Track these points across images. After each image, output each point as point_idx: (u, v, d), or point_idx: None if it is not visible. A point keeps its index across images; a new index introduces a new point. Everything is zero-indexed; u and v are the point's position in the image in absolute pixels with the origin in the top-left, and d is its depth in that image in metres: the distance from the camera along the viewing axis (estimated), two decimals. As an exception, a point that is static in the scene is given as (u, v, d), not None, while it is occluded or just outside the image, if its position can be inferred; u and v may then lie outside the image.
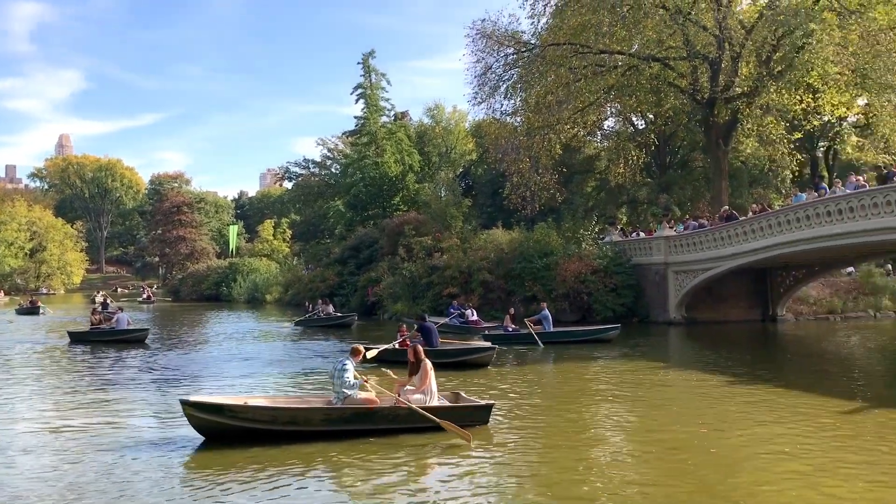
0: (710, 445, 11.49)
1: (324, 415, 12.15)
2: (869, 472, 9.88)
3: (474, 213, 57.85)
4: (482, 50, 42.97)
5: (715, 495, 9.04)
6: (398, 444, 11.63)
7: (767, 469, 10.19)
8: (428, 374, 12.98)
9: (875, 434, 12.15)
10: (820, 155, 58.84)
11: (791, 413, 13.92)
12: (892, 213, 23.74)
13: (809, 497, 8.97)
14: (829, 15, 33.76)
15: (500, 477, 10.13)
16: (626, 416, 14.48)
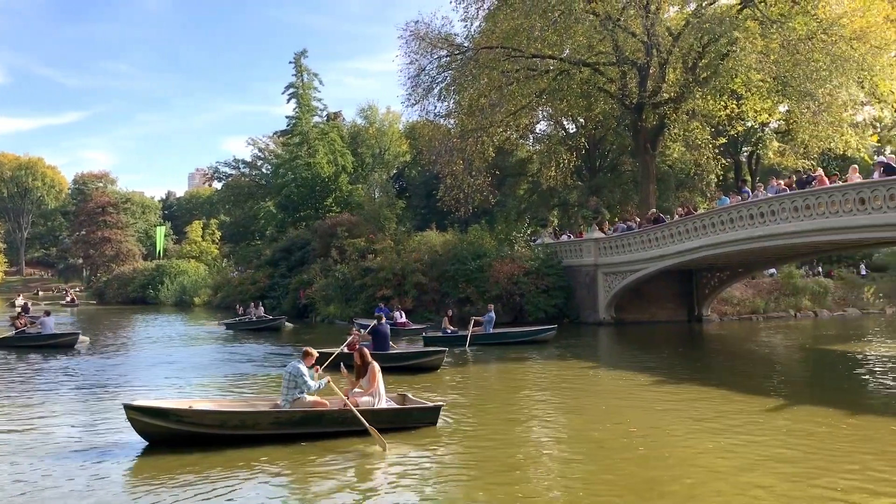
0: (638, 444, 11.70)
1: (273, 418, 12.03)
2: (793, 468, 10.20)
3: (408, 214, 57.80)
4: (415, 52, 42.98)
5: (643, 494, 9.19)
6: (345, 447, 11.59)
7: (694, 466, 10.44)
8: (376, 377, 13.00)
9: (797, 430, 12.56)
10: (743, 160, 60.68)
11: (716, 411, 14.29)
12: (811, 216, 24.63)
13: (734, 492, 9.21)
14: (752, 24, 34.85)
15: (439, 479, 10.13)
16: (558, 417, 14.65)
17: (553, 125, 53.59)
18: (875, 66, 34.05)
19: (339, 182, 62.04)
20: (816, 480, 9.52)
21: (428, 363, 20.50)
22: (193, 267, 76.56)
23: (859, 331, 32.09)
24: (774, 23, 34.22)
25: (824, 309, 39.19)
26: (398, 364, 19.95)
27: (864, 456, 10.73)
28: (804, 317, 38.24)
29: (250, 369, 21.59)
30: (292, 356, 24.58)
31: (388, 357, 19.98)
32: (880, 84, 34.89)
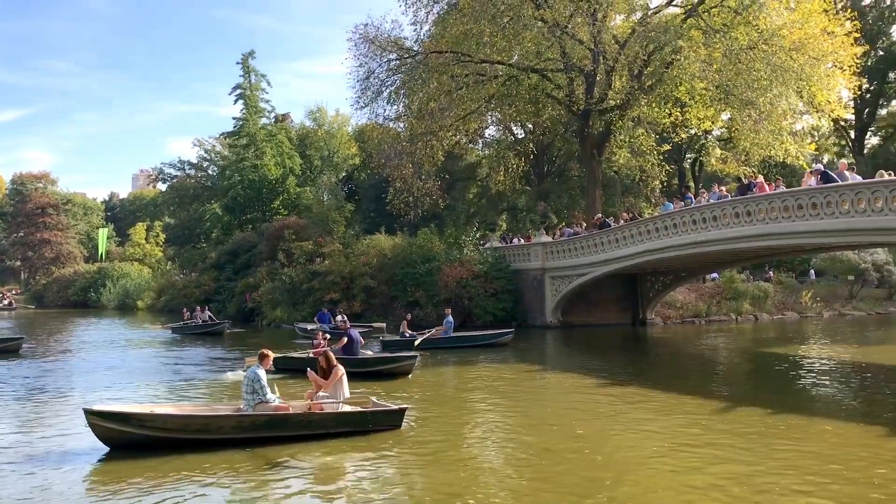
0: (584, 446, 11.84)
1: (236, 422, 11.91)
2: (733, 468, 10.42)
3: (357, 217, 57.62)
4: (365, 54, 42.85)
5: (589, 495, 9.30)
6: (309, 451, 11.54)
7: (639, 467, 10.61)
8: (338, 379, 12.97)
9: (737, 431, 12.85)
10: (687, 166, 61.92)
11: (660, 414, 14.55)
12: (752, 222, 25.27)
13: (678, 493, 9.38)
14: (696, 33, 35.60)
15: (396, 483, 10.14)
16: (508, 420, 14.74)
17: (502, 130, 54.02)
18: (813, 77, 35.09)
19: (287, 184, 61.53)
20: (756, 479, 9.75)
21: (400, 368, 20.05)
22: (137, 270, 75.16)
23: (797, 334, 32.98)
24: (717, 32, 35.02)
25: (764, 312, 40.17)
26: (370, 369, 19.67)
27: (800, 456, 11.03)
28: (745, 320, 39.14)
29: (193, 374, 21.26)
30: (236, 361, 24.45)
31: (360, 362, 19.81)
32: (818, 94, 35.94)
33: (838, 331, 33.87)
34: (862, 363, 22.79)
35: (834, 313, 41.71)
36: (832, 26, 35.54)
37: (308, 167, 67.56)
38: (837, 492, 9.16)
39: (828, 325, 37.43)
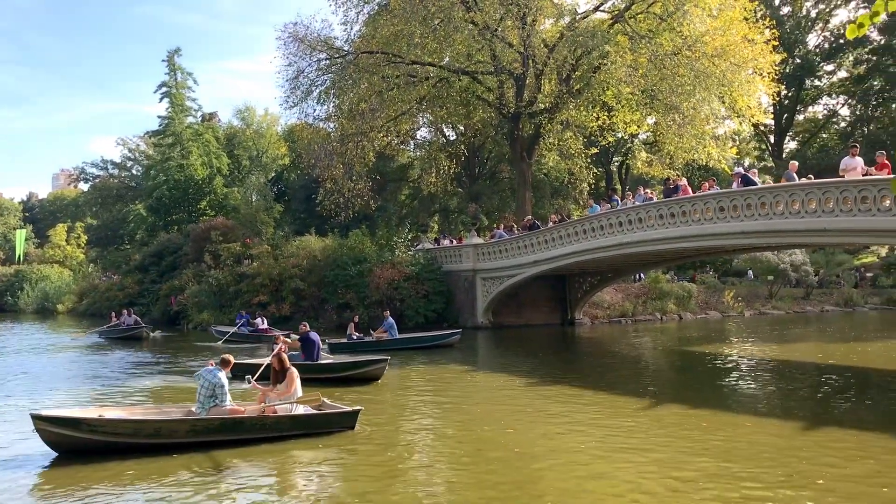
0: (514, 445, 11.94)
1: (189, 426, 11.76)
2: (657, 463, 10.63)
3: (287, 219, 56.91)
4: (294, 54, 42.43)
5: (519, 493, 9.35)
6: (262, 454, 11.49)
7: (568, 465, 10.72)
8: (294, 382, 12.91)
9: (662, 428, 13.12)
10: (614, 169, 63.23)
11: (589, 412, 14.75)
12: (676, 223, 25.89)
13: (606, 490, 9.52)
14: (622, 38, 36.36)
15: (345, 486, 10.04)
16: (443, 420, 14.70)
17: (433, 132, 54.13)
18: (734, 83, 36.24)
19: (214, 185, 60.37)
20: (676, 473, 9.96)
21: (370, 373, 19.30)
22: (57, 272, 72.73)
23: (720, 333, 33.92)
24: (643, 38, 35.84)
25: (688, 312, 41.21)
26: (339, 374, 19.09)
27: (721, 449, 11.33)
28: (670, 319, 40.07)
29: (120, 379, 20.63)
30: (158, 366, 23.84)
31: (328, 367, 19.33)
32: (739, 100, 37.12)
33: (758, 329, 34.97)
34: (780, 360, 23.57)
35: (754, 312, 43.07)
36: (752, 34, 36.73)
37: (236, 167, 66.41)
38: (756, 483, 9.42)
39: (749, 323, 38.61)
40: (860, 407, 15.33)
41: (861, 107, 65.70)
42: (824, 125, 69.67)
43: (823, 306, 45.32)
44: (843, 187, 20.66)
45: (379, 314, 35.63)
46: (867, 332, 33.25)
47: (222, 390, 12.13)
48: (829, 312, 44.15)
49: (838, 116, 69.46)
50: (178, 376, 21.14)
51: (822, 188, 21.29)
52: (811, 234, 22.36)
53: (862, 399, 16.31)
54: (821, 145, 67.05)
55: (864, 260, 54.80)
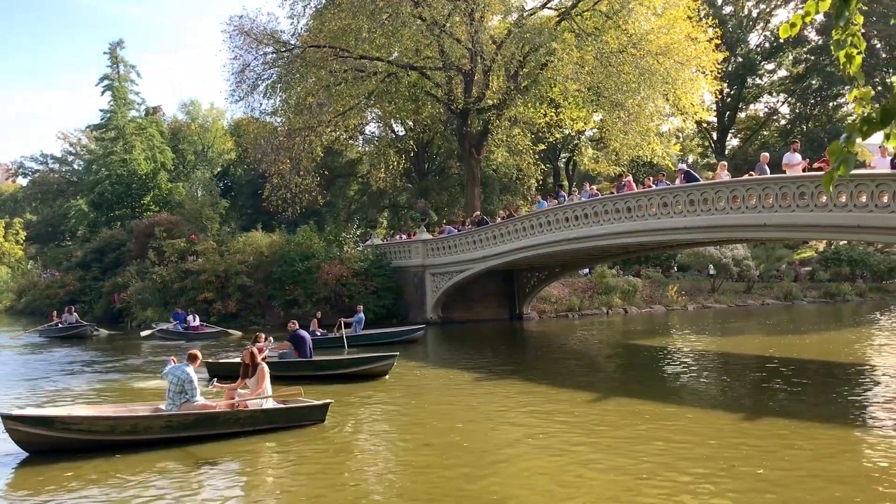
0: (463, 440, 11.99)
1: (165, 421, 11.76)
2: (602, 456, 10.77)
3: (233, 214, 56.17)
4: (240, 47, 41.89)
5: (466, 488, 9.39)
6: (235, 448, 11.53)
7: (517, 458, 10.80)
8: (264, 377, 12.94)
9: (606, 421, 13.31)
10: (562, 165, 63.84)
11: (536, 405, 14.88)
12: (621, 219, 26.26)
13: (551, 485, 9.61)
14: (569, 36, 36.69)
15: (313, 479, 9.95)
16: (392, 416, 14.71)
17: (382, 127, 53.97)
18: (678, 81, 36.90)
19: (158, 180, 59.22)
20: (620, 465, 10.11)
21: (377, 370, 18.79)
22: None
23: (664, 326, 34.53)
24: (589, 36, 36.26)
25: (633, 306, 41.86)
26: (345, 372, 18.63)
27: (665, 443, 11.54)
28: (615, 313, 40.65)
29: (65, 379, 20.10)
30: (104, 364, 23.32)
31: (335, 364, 19.05)
32: (682, 97, 37.79)
33: (701, 322, 35.71)
34: (722, 352, 24.12)
35: (698, 306, 43.96)
36: (696, 32, 37.43)
37: (181, 162, 65.26)
38: (698, 473, 9.62)
39: (692, 317, 39.41)
40: (798, 397, 15.76)
41: (800, 105, 67.48)
42: (765, 123, 71.38)
43: (764, 300, 46.47)
44: (782, 183, 21.19)
45: (327, 310, 35.60)
46: (805, 324, 34.19)
47: (192, 385, 12.14)
48: (769, 306, 45.28)
49: (778, 114, 71.24)
50: (121, 374, 20.74)
51: (762, 184, 21.80)
52: (752, 230, 22.90)
53: (800, 390, 16.77)
54: (762, 142, 68.61)
55: (803, 255, 56.31)
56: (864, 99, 3.54)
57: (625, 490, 9.12)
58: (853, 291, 48.92)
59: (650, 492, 9.00)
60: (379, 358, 19.09)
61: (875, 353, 23.39)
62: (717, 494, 8.88)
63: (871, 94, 3.62)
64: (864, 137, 3.08)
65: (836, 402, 15.14)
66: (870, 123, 3.03)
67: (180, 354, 14.48)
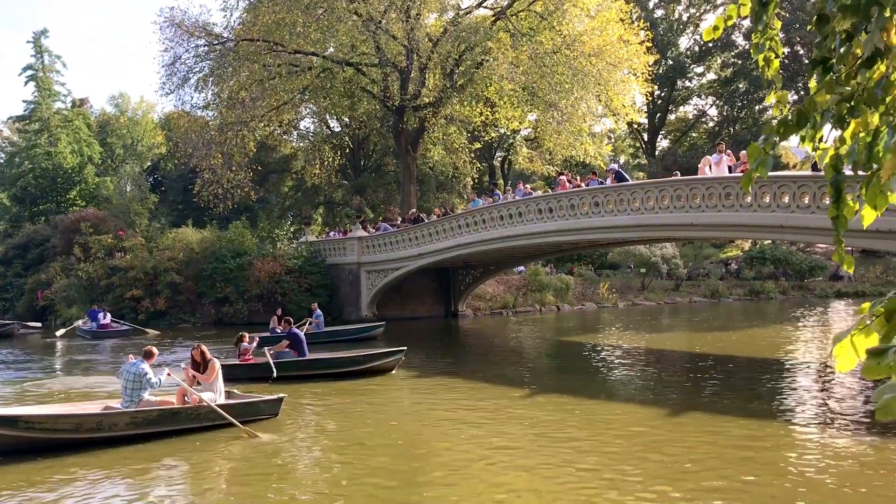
0: (398, 438, 12.00)
1: (130, 418, 11.77)
2: (535, 451, 10.91)
3: (163, 210, 54.92)
4: (171, 39, 40.98)
5: (401, 486, 9.40)
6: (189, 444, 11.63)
7: (450, 457, 10.84)
8: (216, 373, 13.00)
9: (540, 417, 13.47)
10: (497, 164, 64.31)
11: (470, 403, 14.97)
12: (554, 218, 26.62)
13: (485, 481, 9.69)
14: (504, 36, 36.94)
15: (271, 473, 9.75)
16: (324, 415, 14.60)
17: (317, 122, 53.49)
18: (610, 82, 37.55)
19: (85, 174, 57.45)
20: (552, 462, 10.26)
21: (385, 366, 18.75)
22: None
23: (595, 323, 35.15)
24: (524, 36, 36.57)
25: (566, 303, 42.49)
26: (352, 369, 18.41)
27: (595, 438, 11.77)
28: (548, 310, 41.20)
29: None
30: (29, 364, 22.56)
31: (348, 361, 18.74)
32: (614, 98, 38.47)
33: (631, 320, 36.44)
34: (651, 349, 24.67)
35: (628, 303, 44.87)
36: (627, 35, 38.10)
37: (109, 156, 63.39)
38: (628, 468, 9.83)
39: (622, 314, 40.19)
40: (724, 392, 16.23)
41: (727, 108, 69.46)
42: (694, 125, 73.23)
43: (692, 297, 47.71)
44: (709, 184, 21.78)
45: (259, 308, 35.22)
46: (731, 321, 35.24)
47: (148, 381, 12.14)
48: (697, 303, 46.50)
49: (707, 116, 73.19)
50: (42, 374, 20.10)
51: (689, 185, 22.38)
52: (680, 229, 23.51)
53: (725, 385, 17.27)
54: (690, 144, 70.41)
55: (729, 253, 58.01)
56: (782, 102, 3.68)
57: (553, 487, 9.26)
58: (776, 289, 50.63)
59: (580, 488, 9.15)
60: (387, 354, 19.08)
61: (796, 348, 24.26)
62: (645, 489, 9.09)
63: (788, 97, 3.76)
64: (780, 139, 3.19)
65: (760, 396, 15.63)
66: (786, 125, 3.14)
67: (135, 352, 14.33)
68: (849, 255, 3.37)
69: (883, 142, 2.95)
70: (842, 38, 3.09)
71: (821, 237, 20.58)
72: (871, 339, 2.64)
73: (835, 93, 3.05)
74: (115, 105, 69.57)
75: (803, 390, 16.20)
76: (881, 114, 2.99)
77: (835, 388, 16.22)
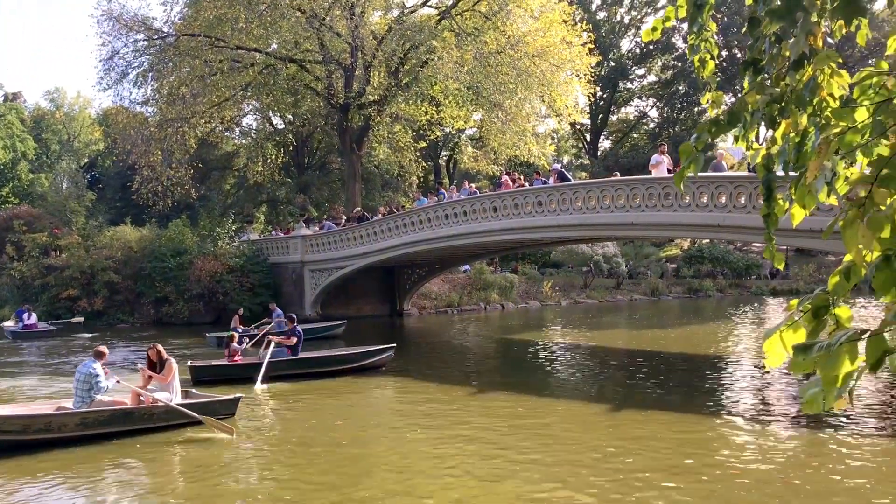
0: (342, 438, 11.94)
1: (80, 419, 11.63)
2: (480, 446, 10.97)
3: (101, 207, 53.59)
4: (109, 33, 40.02)
5: (346, 487, 9.34)
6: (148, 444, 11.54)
7: (392, 454, 10.84)
8: (172, 372, 12.92)
9: (485, 415, 13.55)
10: (443, 163, 64.41)
11: (414, 400, 14.98)
12: (498, 217, 26.76)
13: (429, 480, 9.70)
14: (449, 35, 37.03)
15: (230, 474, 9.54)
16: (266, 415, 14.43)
17: (260, 120, 52.82)
18: (553, 83, 37.92)
19: (18, 170, 55.84)
20: (492, 457, 10.32)
21: (376, 363, 19.15)
22: None
23: (539, 321, 35.50)
24: (469, 35, 36.68)
25: (510, 302, 42.79)
26: (348, 366, 18.59)
27: (538, 435, 11.88)
28: (493, 309, 41.45)
29: None
30: None
31: (335, 360, 18.84)
32: (557, 99, 38.84)
33: (574, 317, 36.90)
34: (593, 346, 25.01)
35: (570, 301, 45.40)
36: (570, 36, 38.49)
37: (44, 152, 61.67)
38: (569, 464, 9.95)
39: (565, 312, 40.66)
40: (664, 388, 16.55)
41: (668, 109, 70.75)
42: (635, 126, 74.40)
43: (633, 295, 48.50)
44: (649, 184, 22.15)
45: (200, 308, 34.64)
46: (670, 319, 35.94)
47: (97, 380, 12.00)
48: (637, 301, 47.30)
49: (648, 118, 74.42)
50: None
51: (630, 184, 22.74)
52: (621, 228, 23.85)
53: (665, 381, 17.62)
54: (632, 144, 71.52)
55: (669, 252, 59.11)
56: (717, 102, 3.76)
57: (493, 484, 9.31)
58: (714, 287, 51.82)
59: (520, 486, 9.23)
60: (379, 351, 19.42)
61: (732, 345, 24.87)
62: (587, 485, 9.21)
63: (723, 98, 3.84)
64: (712, 138, 3.26)
65: (698, 392, 15.98)
66: (718, 125, 3.21)
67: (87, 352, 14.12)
68: (779, 253, 3.46)
69: (811, 142, 3.03)
70: (772, 40, 3.17)
71: (756, 236, 21.11)
72: (798, 335, 2.71)
73: (765, 94, 3.13)
74: (51, 100, 67.80)
75: (739, 385, 16.62)
76: (809, 115, 3.07)
77: (769, 382, 16.69)
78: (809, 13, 2.87)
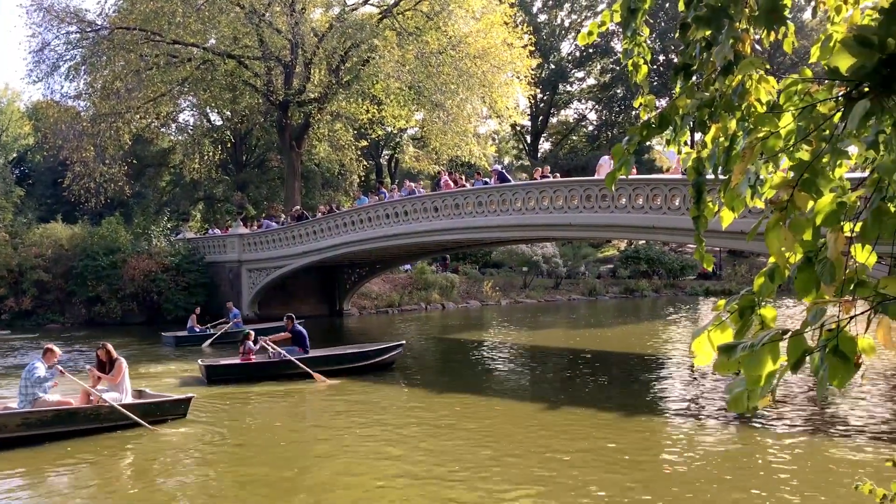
0: (280, 439, 11.84)
1: (21, 419, 11.39)
2: (414, 451, 10.96)
3: (30, 204, 52.00)
4: (39, 24, 38.80)
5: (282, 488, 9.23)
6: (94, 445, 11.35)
7: (331, 459, 10.76)
8: (122, 372, 12.74)
9: (421, 415, 13.55)
10: (384, 162, 64.23)
11: (350, 401, 14.88)
12: (439, 217, 26.80)
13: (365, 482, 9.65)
14: (391, 34, 36.93)
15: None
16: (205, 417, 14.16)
17: (197, 116, 51.82)
18: (494, 84, 38.18)
19: (-59, 164, 53.59)
20: (430, 459, 10.33)
21: (389, 360, 19.01)
22: None
23: (479, 320, 35.68)
24: (410, 35, 36.66)
25: (451, 301, 42.90)
26: (356, 364, 18.31)
27: (476, 435, 11.94)
28: (434, 308, 41.50)
29: None
30: None
31: (359, 356, 18.57)
32: (498, 100, 39.13)
33: (514, 317, 37.19)
34: (532, 345, 25.25)
35: (510, 301, 45.75)
36: (511, 38, 38.80)
37: (-31, 146, 59.40)
38: (508, 463, 10.01)
39: (505, 311, 40.95)
40: (600, 386, 16.80)
41: (606, 112, 71.86)
42: (574, 128, 75.39)
43: (571, 295, 49.11)
44: (586, 186, 22.46)
45: (133, 307, 33.86)
46: (607, 318, 36.51)
47: (39, 380, 11.74)
48: (575, 301, 47.91)
49: (587, 120, 75.49)
50: None
51: (568, 186, 23.03)
52: (559, 229, 24.13)
53: (600, 380, 17.88)
54: (571, 146, 72.44)
55: (606, 253, 60.09)
56: (649, 106, 3.82)
57: (431, 485, 9.33)
58: (650, 287, 52.82)
59: (460, 489, 9.26)
60: (389, 349, 19.28)
61: (666, 344, 25.39)
62: (522, 481, 9.28)
63: (654, 102, 3.90)
64: (643, 140, 3.30)
65: (632, 390, 16.27)
66: (649, 128, 3.25)
67: None
68: (708, 255, 3.53)
69: (739, 146, 3.10)
70: (702, 45, 3.23)
71: (690, 238, 21.50)
72: (726, 335, 2.76)
73: (695, 98, 3.19)
74: (-24, 92, 65.17)
75: (673, 384, 16.98)
76: (738, 120, 3.14)
77: (700, 382, 17.08)
78: (734, 20, 2.94)
